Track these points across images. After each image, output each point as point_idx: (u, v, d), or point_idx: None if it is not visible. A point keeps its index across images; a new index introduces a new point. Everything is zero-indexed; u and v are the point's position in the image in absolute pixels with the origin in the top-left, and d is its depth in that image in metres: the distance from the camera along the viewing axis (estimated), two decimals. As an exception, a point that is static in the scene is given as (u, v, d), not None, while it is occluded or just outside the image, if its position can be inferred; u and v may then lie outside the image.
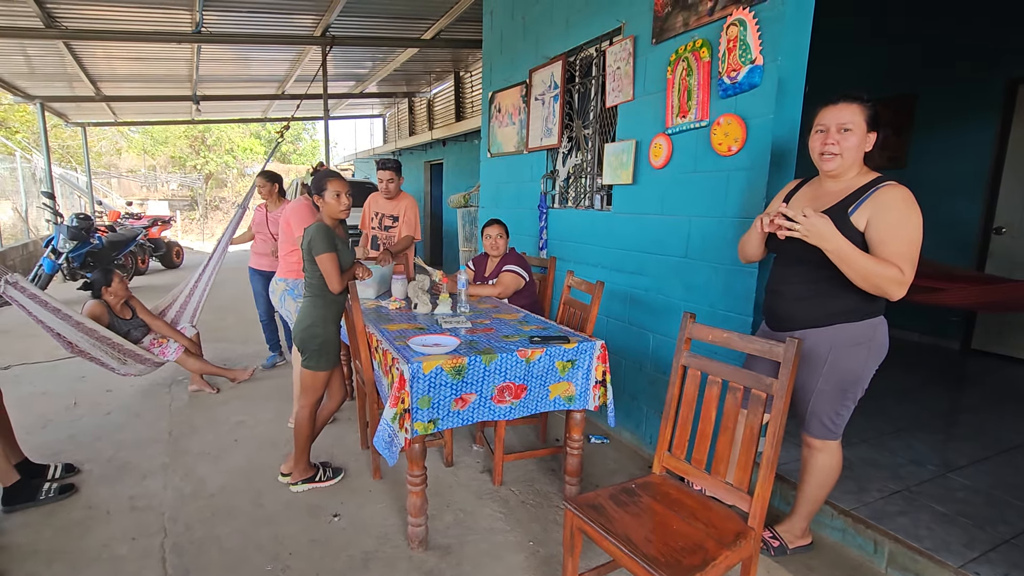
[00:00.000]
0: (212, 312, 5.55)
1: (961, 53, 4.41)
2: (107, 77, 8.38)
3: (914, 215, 1.61)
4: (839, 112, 1.69)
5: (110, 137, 19.52)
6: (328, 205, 2.36)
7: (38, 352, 4.57)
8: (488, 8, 4.53)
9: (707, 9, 2.44)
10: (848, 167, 1.72)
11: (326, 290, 2.35)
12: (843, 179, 1.74)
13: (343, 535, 2.21)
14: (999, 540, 2.00)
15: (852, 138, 1.67)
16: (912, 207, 1.61)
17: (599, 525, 1.54)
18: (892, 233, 1.60)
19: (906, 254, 1.59)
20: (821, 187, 1.80)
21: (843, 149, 1.68)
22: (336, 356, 2.46)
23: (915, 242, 1.60)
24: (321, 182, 2.37)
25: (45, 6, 5.36)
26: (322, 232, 2.27)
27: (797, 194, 1.88)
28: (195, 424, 3.25)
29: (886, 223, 1.60)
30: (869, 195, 1.65)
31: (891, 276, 1.57)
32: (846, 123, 1.68)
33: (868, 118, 1.68)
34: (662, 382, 2.82)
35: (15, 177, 9.79)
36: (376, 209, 3.75)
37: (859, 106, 1.68)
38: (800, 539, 2.09)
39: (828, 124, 1.71)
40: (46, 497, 2.39)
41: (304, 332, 2.37)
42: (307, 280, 2.39)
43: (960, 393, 3.75)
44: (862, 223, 1.64)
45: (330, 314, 2.40)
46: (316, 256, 2.26)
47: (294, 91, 9.60)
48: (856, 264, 1.59)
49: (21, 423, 2.73)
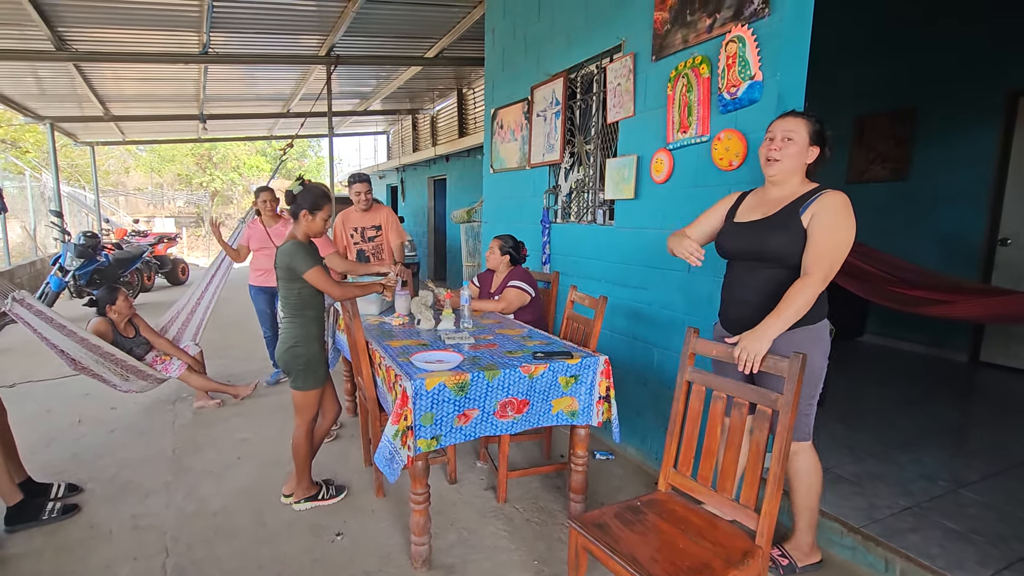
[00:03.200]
0: (216, 329, 5.57)
1: (961, 65, 4.43)
2: (116, 97, 8.51)
3: (847, 218, 1.75)
4: (785, 122, 1.84)
5: (118, 156, 19.78)
6: (315, 226, 2.35)
7: (43, 370, 4.58)
8: (490, 26, 4.59)
9: (706, 26, 2.47)
10: (789, 173, 1.84)
11: (305, 308, 2.35)
12: (787, 186, 1.87)
13: (345, 554, 2.18)
14: (1013, 558, 1.96)
15: (793, 147, 1.82)
16: (847, 211, 1.75)
17: (604, 544, 1.52)
18: (824, 232, 1.73)
19: (827, 252, 1.72)
20: (765, 195, 1.93)
21: (784, 155, 1.82)
22: (324, 373, 2.45)
23: (841, 243, 1.74)
24: (319, 201, 2.34)
25: (56, 29, 5.47)
26: (302, 249, 2.27)
27: (742, 204, 2.00)
28: (198, 442, 3.24)
29: (821, 222, 1.74)
30: (815, 198, 1.79)
31: (812, 292, 1.71)
32: (789, 132, 1.82)
33: (811, 132, 1.82)
34: (667, 397, 2.80)
35: (24, 196, 9.90)
36: (353, 224, 3.79)
37: (804, 120, 1.83)
38: (809, 556, 2.06)
39: (775, 133, 1.85)
40: (49, 517, 2.38)
41: (287, 353, 2.36)
42: (285, 300, 2.37)
43: (969, 406, 3.71)
44: (807, 222, 1.78)
45: (312, 332, 2.39)
46: (303, 274, 2.25)
47: (299, 109, 9.71)
48: (793, 314, 1.71)
49: (25, 441, 2.72)
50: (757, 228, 1.88)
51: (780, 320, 1.66)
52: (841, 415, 3.26)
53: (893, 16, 4.85)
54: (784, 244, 1.80)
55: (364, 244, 3.75)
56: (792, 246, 1.78)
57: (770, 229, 1.84)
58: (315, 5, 5.32)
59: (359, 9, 5.29)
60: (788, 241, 1.79)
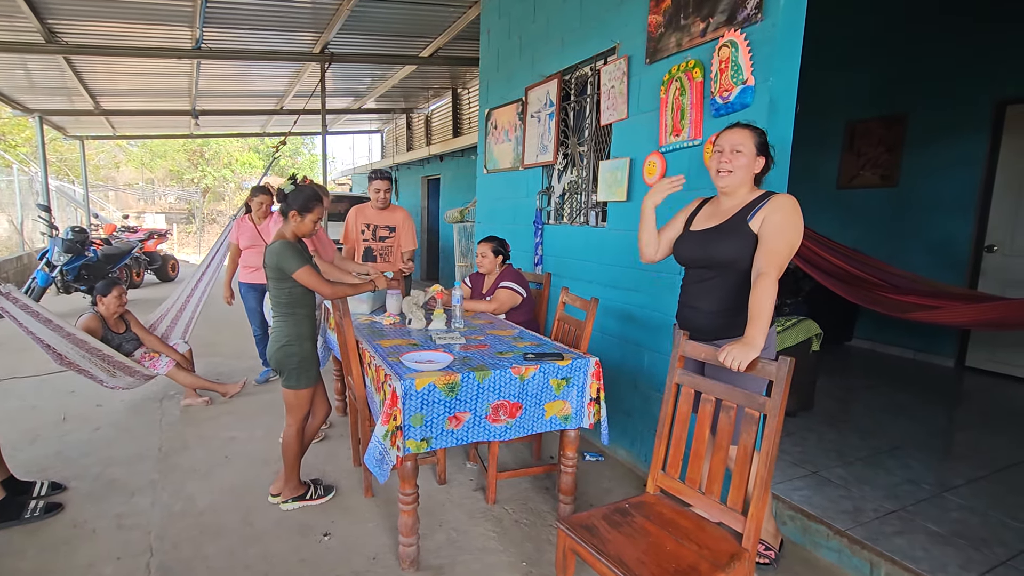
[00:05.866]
0: (206, 326, 5.51)
1: (951, 74, 4.49)
2: (106, 91, 8.43)
3: (796, 218, 1.82)
4: (732, 135, 1.90)
5: (108, 150, 19.57)
6: (304, 226, 2.33)
7: (28, 366, 4.52)
8: (485, 27, 4.59)
9: (699, 31, 2.48)
10: (739, 184, 1.91)
11: (296, 307, 2.34)
12: (737, 196, 1.94)
13: (333, 554, 2.17)
14: (996, 561, 1.99)
15: (742, 158, 1.88)
16: (796, 212, 1.82)
17: (592, 546, 1.52)
18: (775, 231, 1.79)
19: (779, 250, 1.78)
20: (719, 205, 2.00)
21: (734, 167, 1.89)
22: (316, 372, 2.44)
23: (791, 243, 1.80)
24: (309, 203, 2.32)
25: (46, 22, 5.41)
26: (290, 249, 2.25)
27: (699, 212, 2.07)
28: (186, 440, 3.21)
29: (772, 223, 1.80)
30: (764, 203, 1.85)
31: (773, 290, 1.73)
32: (737, 145, 1.88)
33: (757, 143, 1.88)
34: (656, 399, 2.81)
35: (11, 189, 9.78)
36: (367, 221, 3.73)
37: (750, 131, 1.89)
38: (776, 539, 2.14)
39: (723, 146, 1.91)
40: (31, 515, 2.35)
41: (280, 352, 2.35)
42: (276, 299, 2.35)
43: (955, 411, 3.75)
44: (757, 226, 1.84)
45: (304, 331, 2.38)
46: (293, 273, 2.24)
47: (293, 106, 9.66)
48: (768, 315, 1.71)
49: (9, 438, 2.69)
50: (707, 236, 1.95)
51: (760, 325, 1.68)
52: (829, 419, 3.29)
53: (885, 23, 4.90)
54: (733, 250, 1.87)
55: (374, 243, 3.69)
56: (741, 251, 1.85)
57: (719, 237, 1.91)
58: (310, 2, 5.30)
59: (354, 7, 5.27)
60: (737, 247, 1.86)
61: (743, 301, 1.86)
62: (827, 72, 4.99)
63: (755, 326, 1.67)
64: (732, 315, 1.90)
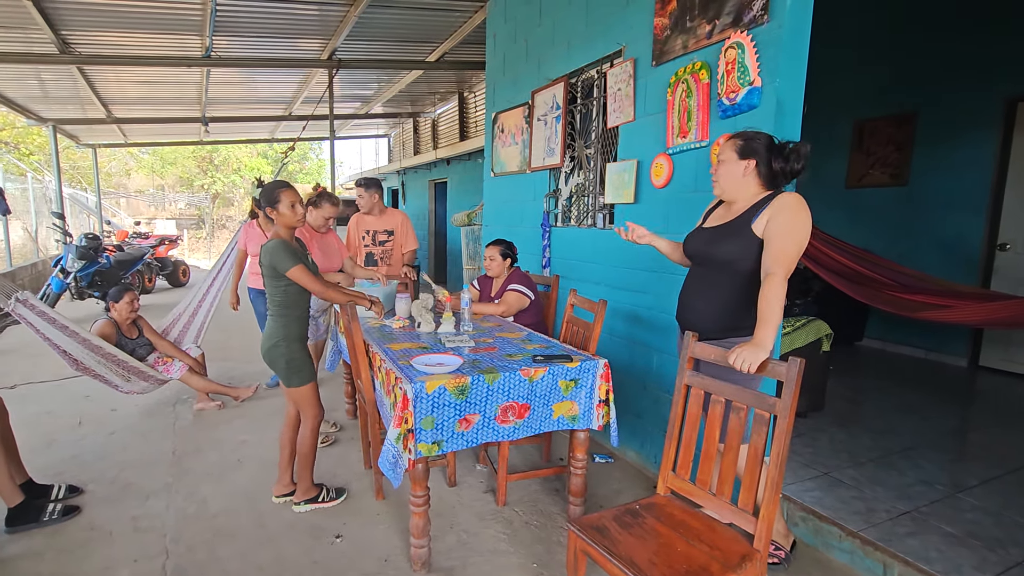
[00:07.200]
0: (217, 331, 5.57)
1: (961, 71, 4.45)
2: (118, 100, 8.54)
3: (802, 215, 1.80)
4: (719, 147, 1.99)
5: (120, 158, 19.81)
6: (283, 216, 2.32)
7: (44, 371, 4.59)
8: (491, 31, 4.62)
9: (705, 32, 2.49)
10: (733, 189, 1.94)
11: (288, 307, 2.36)
12: (741, 199, 1.95)
13: (345, 557, 2.19)
14: (1011, 562, 1.97)
15: (723, 167, 1.94)
16: (801, 209, 1.80)
17: (603, 547, 1.52)
18: (781, 231, 1.78)
19: (787, 250, 1.77)
20: (730, 205, 2.01)
21: (719, 176, 1.96)
22: (310, 370, 2.45)
23: (798, 242, 1.78)
24: (273, 194, 2.31)
25: (60, 33, 5.50)
26: (282, 247, 2.27)
27: (715, 211, 2.11)
28: (199, 444, 3.24)
29: (777, 223, 1.80)
30: (769, 204, 1.85)
31: (782, 290, 1.72)
32: (721, 155, 1.96)
33: (738, 149, 1.91)
34: (666, 401, 2.81)
35: (26, 197, 9.92)
36: (366, 227, 3.79)
37: (731, 140, 1.95)
38: (787, 539, 2.13)
39: (714, 159, 1.97)
40: (49, 518, 2.39)
41: (270, 350, 2.38)
42: (271, 297, 2.38)
43: (968, 411, 3.71)
44: (760, 229, 1.84)
45: (292, 332, 2.39)
46: (286, 272, 2.26)
47: (301, 112, 9.74)
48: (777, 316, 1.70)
49: (26, 443, 2.73)
50: (712, 234, 1.99)
51: (770, 326, 1.68)
52: (840, 419, 3.27)
53: (893, 20, 4.87)
54: (733, 251, 1.88)
55: (374, 247, 3.75)
56: (741, 252, 1.87)
57: (721, 237, 1.94)
58: (317, 10, 5.35)
59: (361, 14, 5.31)
60: (738, 248, 1.87)
61: (738, 303, 1.89)
62: (835, 71, 4.97)
63: (765, 327, 1.67)
64: (726, 316, 1.92)
